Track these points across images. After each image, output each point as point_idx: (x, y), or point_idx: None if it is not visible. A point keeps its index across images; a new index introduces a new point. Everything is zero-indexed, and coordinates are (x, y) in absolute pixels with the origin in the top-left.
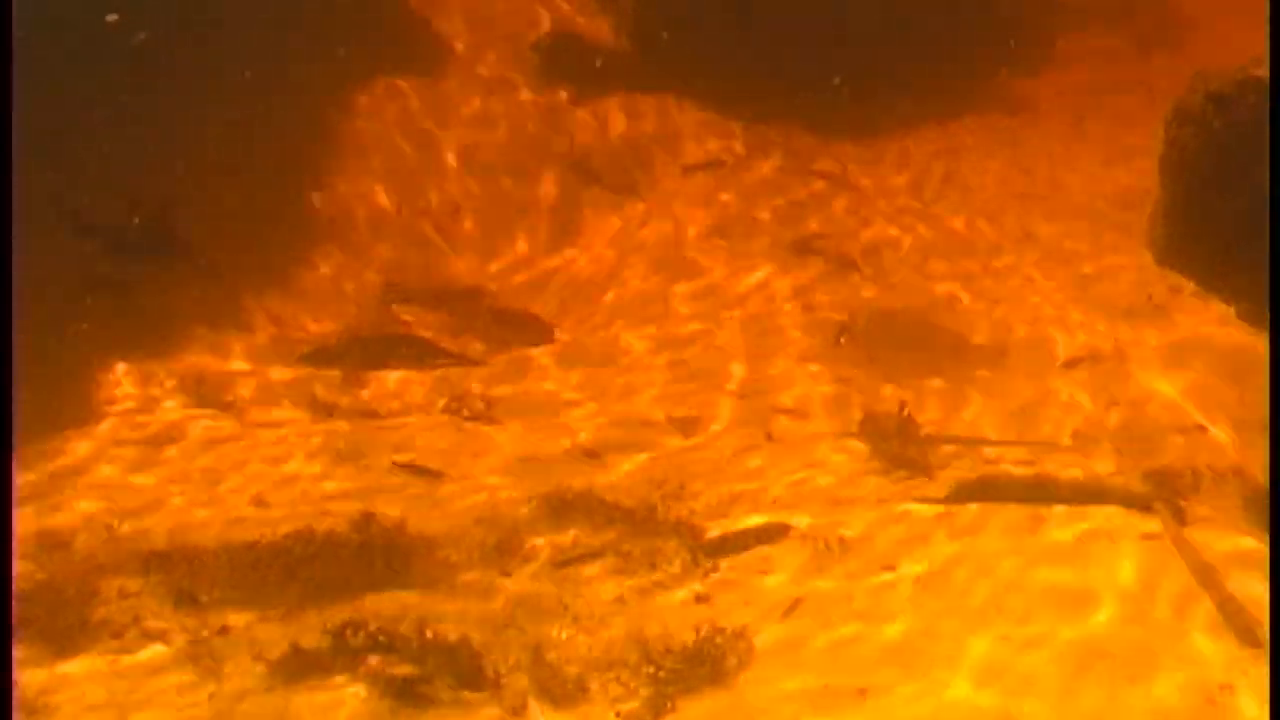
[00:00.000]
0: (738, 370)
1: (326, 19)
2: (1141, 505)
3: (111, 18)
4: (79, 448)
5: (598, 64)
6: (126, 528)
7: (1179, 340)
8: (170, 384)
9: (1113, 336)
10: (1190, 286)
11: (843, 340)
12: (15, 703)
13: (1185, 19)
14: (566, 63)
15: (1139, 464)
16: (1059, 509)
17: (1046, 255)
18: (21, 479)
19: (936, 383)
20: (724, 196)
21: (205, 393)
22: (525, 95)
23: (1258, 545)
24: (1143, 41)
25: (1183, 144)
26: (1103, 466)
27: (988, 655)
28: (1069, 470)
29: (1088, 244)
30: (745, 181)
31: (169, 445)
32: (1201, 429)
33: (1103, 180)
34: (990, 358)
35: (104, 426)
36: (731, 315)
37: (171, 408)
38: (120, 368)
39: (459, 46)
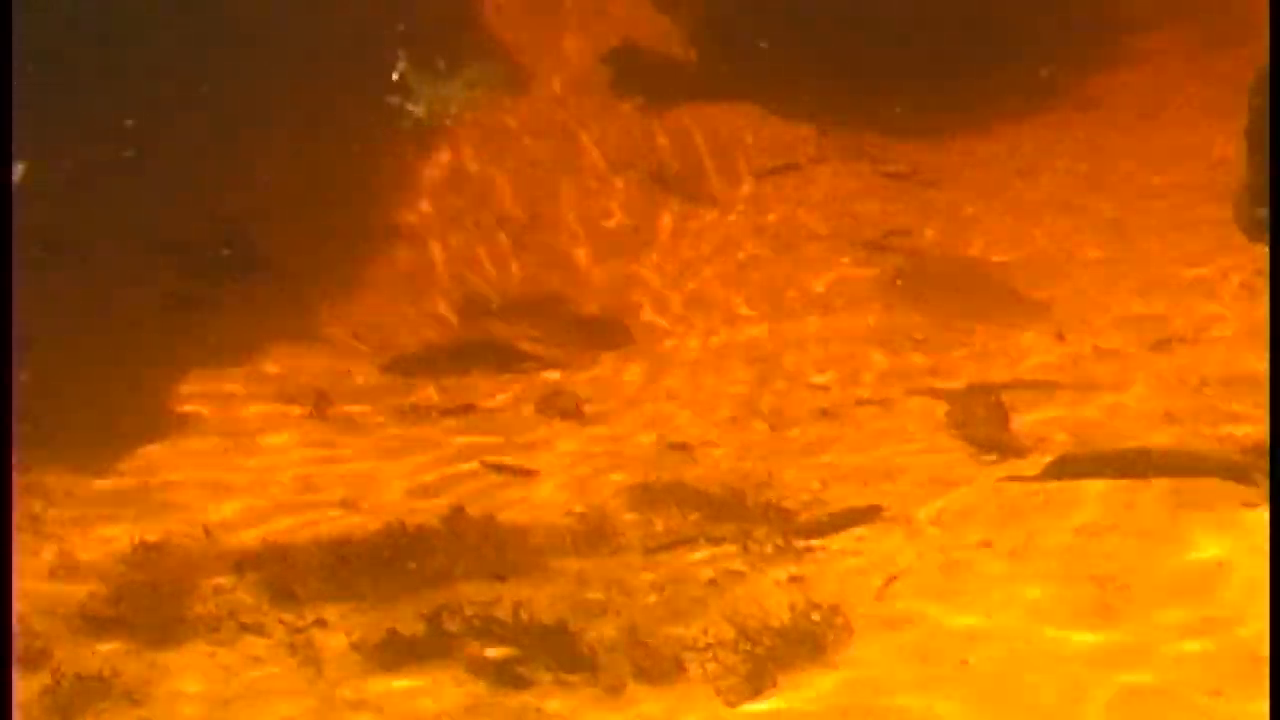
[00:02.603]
0: (823, 366)
1: (398, 35)
2: (1239, 475)
3: None
4: (165, 456)
5: (667, 75)
6: (218, 530)
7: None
8: (253, 393)
9: (1196, 315)
10: None
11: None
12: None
13: (1250, 19)
14: (636, 74)
15: (1234, 438)
16: (1157, 482)
17: (1127, 243)
18: (111, 488)
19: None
20: (797, 198)
21: (289, 400)
22: (597, 107)
23: None
24: (1211, 39)
25: (1265, 111)
26: (1195, 441)
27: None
28: (1163, 443)
29: (1170, 230)
30: (817, 183)
31: (255, 451)
32: None
33: (1180, 171)
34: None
35: (188, 435)
36: (810, 313)
37: (255, 416)
38: (203, 379)
39: (530, 60)
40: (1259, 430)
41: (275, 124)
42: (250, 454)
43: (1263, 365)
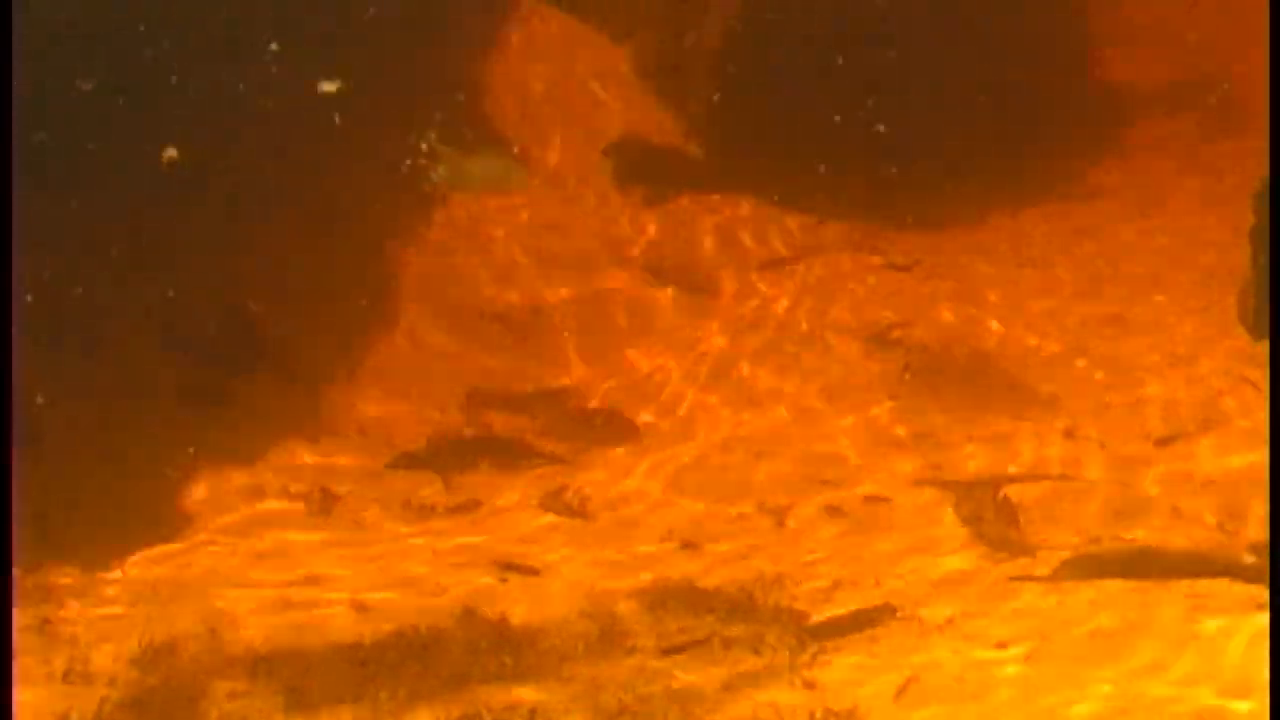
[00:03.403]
0: (830, 461)
1: (404, 123)
2: (1251, 576)
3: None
4: (175, 556)
5: (669, 167)
6: (229, 633)
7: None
8: (260, 490)
9: (1201, 411)
10: None
11: (907, 376)
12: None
13: (1247, 106)
14: (637, 167)
15: (1242, 536)
16: (1169, 584)
17: (1133, 336)
18: (121, 588)
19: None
20: (799, 290)
21: (295, 498)
22: (597, 199)
23: None
24: (1207, 129)
25: (1268, 215)
26: (1204, 539)
27: None
28: (1174, 542)
29: (1175, 324)
30: (819, 276)
31: (264, 551)
32: None
33: (1181, 262)
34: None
35: (197, 534)
36: (815, 407)
37: (264, 513)
38: (212, 476)
39: (529, 151)
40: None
41: (282, 212)
42: (258, 554)
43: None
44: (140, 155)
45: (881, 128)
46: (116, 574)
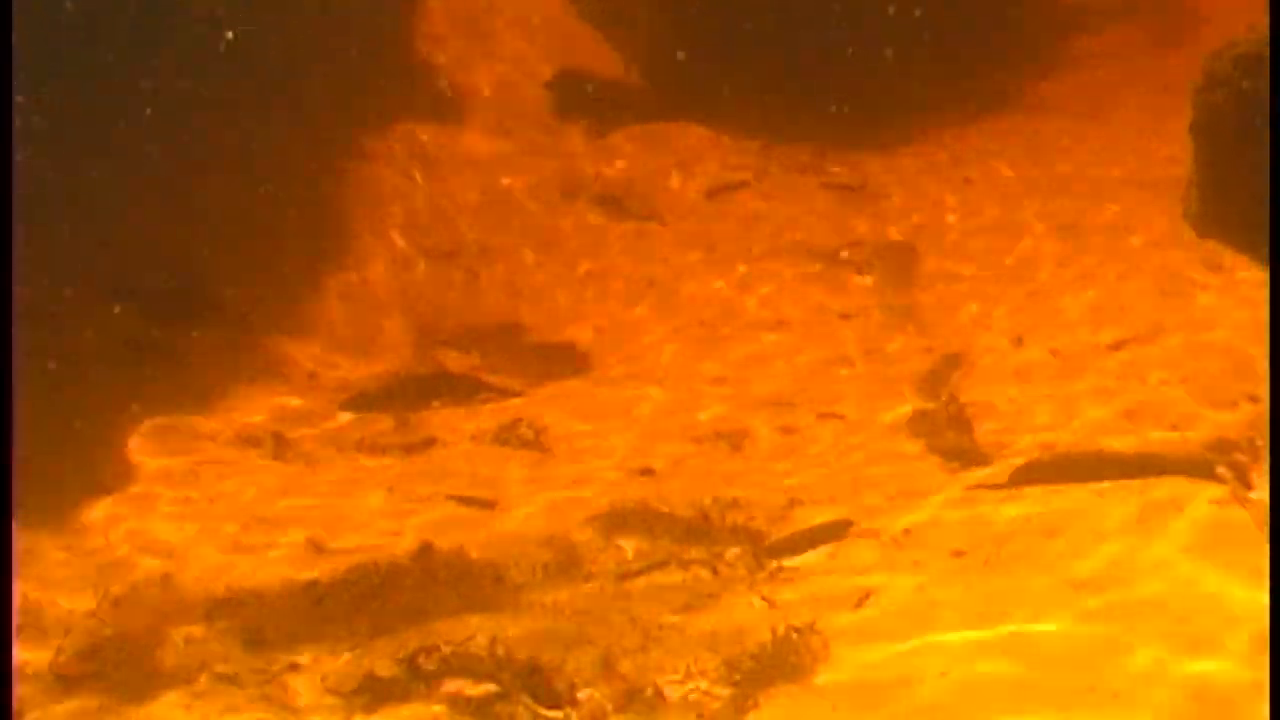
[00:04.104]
0: (781, 381)
1: (338, 69)
2: (1204, 473)
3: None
4: (126, 507)
5: (611, 98)
6: (186, 577)
7: (1221, 310)
8: (211, 437)
9: (1151, 314)
10: (1229, 260)
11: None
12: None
13: (1195, 15)
14: (581, 99)
15: (1194, 434)
16: (1123, 483)
17: (1080, 242)
18: (72, 542)
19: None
20: (749, 215)
21: (247, 443)
22: (540, 132)
23: None
24: (1155, 39)
25: (1213, 106)
26: (1160, 438)
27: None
28: (1126, 443)
29: (1122, 230)
30: (768, 199)
31: (217, 497)
32: (1254, 399)
33: (1129, 170)
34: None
35: (151, 483)
36: (768, 329)
37: (214, 460)
38: (161, 425)
39: (471, 89)
40: (1220, 427)
41: (224, 165)
42: (212, 500)
43: (1218, 364)
44: (83, 112)
45: (826, 51)
46: (68, 530)
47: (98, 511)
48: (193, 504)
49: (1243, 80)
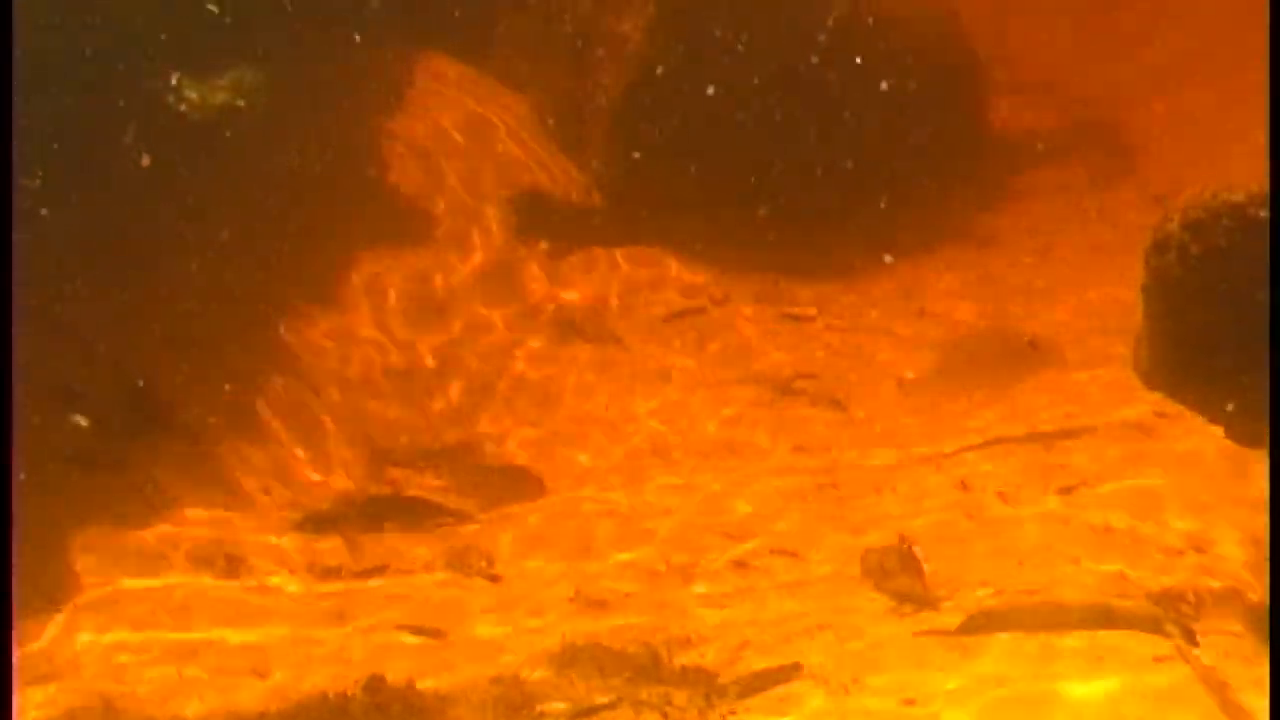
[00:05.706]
0: (734, 513)
1: (300, 188)
2: (1153, 628)
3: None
4: (71, 626)
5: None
6: (129, 704)
7: (1169, 457)
8: (162, 557)
9: (1100, 459)
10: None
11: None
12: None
13: (1133, 150)
14: (540, 221)
15: (1144, 585)
16: (1072, 635)
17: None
18: (15, 663)
19: None
20: (704, 341)
21: (199, 564)
22: (499, 252)
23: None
24: (1095, 174)
25: (1164, 272)
26: (1107, 589)
27: None
28: (1074, 592)
29: (1072, 368)
30: (724, 326)
31: (164, 619)
32: (1200, 549)
33: (1073, 309)
34: None
35: (95, 604)
36: (721, 458)
37: (165, 579)
38: (110, 543)
39: (428, 206)
40: (1169, 577)
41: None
42: (159, 624)
43: (1166, 511)
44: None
45: (782, 181)
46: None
47: (44, 630)
48: (137, 625)
49: (1192, 244)
